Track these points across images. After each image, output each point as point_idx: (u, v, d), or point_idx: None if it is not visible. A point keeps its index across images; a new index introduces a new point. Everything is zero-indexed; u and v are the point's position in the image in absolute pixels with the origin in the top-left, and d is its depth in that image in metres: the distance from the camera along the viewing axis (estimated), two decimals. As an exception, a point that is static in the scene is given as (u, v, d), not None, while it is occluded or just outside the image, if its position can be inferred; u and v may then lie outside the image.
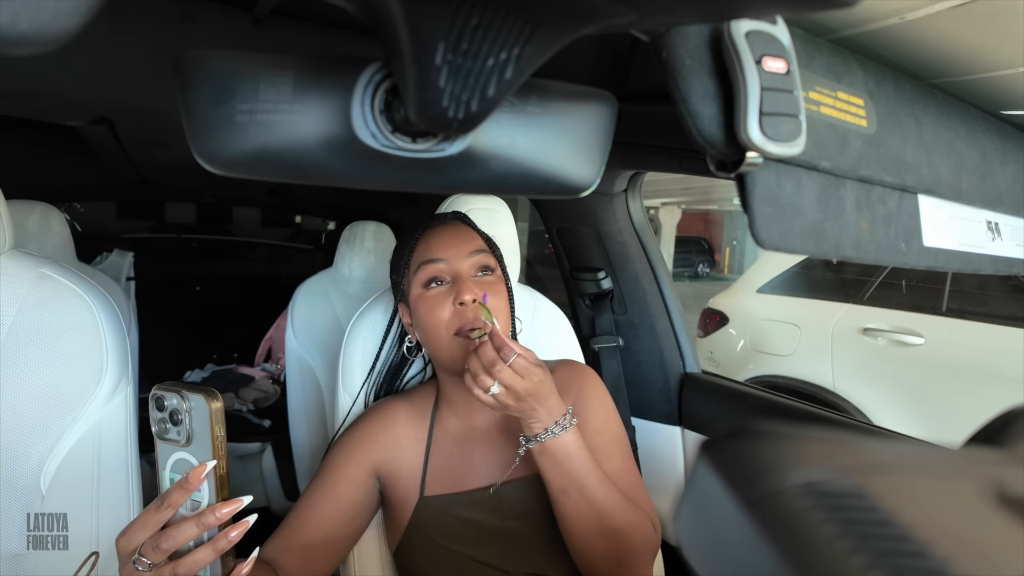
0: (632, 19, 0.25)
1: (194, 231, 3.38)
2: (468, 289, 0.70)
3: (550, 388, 0.65)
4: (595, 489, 0.66)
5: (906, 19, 0.42)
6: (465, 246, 0.75)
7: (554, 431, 0.65)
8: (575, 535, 0.68)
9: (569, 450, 0.66)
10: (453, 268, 0.73)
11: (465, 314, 0.70)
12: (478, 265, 0.75)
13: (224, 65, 0.27)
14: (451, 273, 0.74)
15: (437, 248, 0.75)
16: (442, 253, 0.74)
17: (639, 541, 0.69)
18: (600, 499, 0.66)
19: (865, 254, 0.43)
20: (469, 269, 0.74)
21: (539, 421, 0.65)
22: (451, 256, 0.74)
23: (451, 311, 0.71)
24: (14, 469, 0.70)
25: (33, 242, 1.34)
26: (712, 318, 2.97)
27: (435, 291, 0.73)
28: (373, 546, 0.83)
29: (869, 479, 0.14)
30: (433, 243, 0.76)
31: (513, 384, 0.62)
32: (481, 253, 0.75)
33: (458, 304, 0.71)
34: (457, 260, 0.74)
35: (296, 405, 1.67)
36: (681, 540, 0.17)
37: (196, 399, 0.52)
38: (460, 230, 0.78)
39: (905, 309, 2.30)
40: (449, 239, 0.75)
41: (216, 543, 0.51)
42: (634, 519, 0.69)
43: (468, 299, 0.70)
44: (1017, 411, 0.20)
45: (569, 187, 0.32)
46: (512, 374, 0.62)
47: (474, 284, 0.72)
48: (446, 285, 0.73)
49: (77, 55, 0.65)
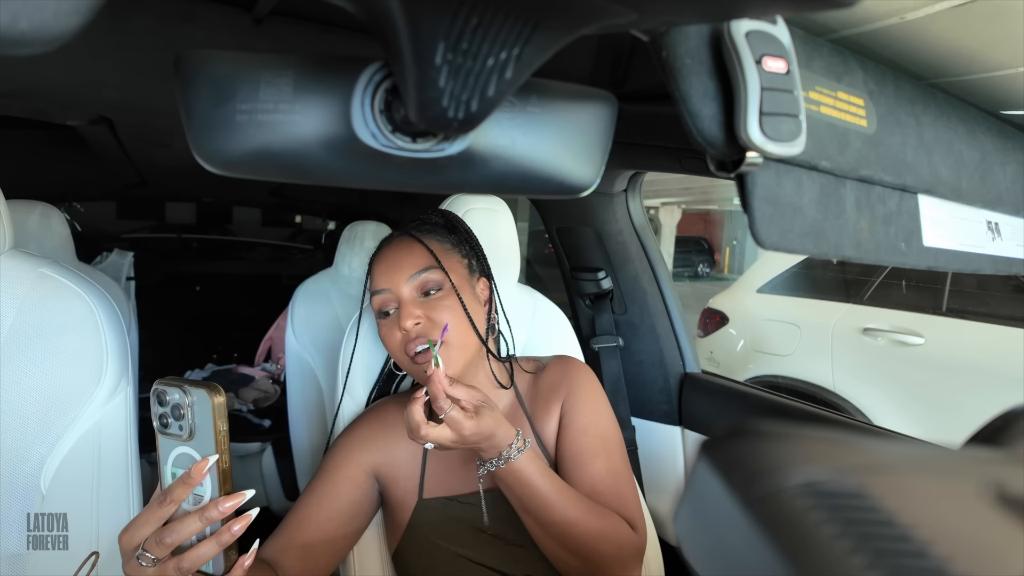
0: (632, 19, 0.25)
1: (194, 231, 3.37)
2: (406, 316, 0.72)
3: (492, 424, 0.66)
4: (554, 508, 0.67)
5: (906, 19, 0.42)
6: (405, 269, 0.74)
7: (509, 456, 0.66)
8: (543, 548, 0.70)
9: (521, 474, 0.67)
10: (397, 295, 0.74)
11: (409, 337, 0.72)
12: (420, 287, 0.75)
13: (224, 65, 0.27)
14: (396, 300, 0.75)
15: (380, 276, 0.76)
16: (384, 282, 0.75)
17: (609, 550, 0.69)
18: (558, 516, 0.67)
19: (865, 254, 0.43)
20: (411, 292, 0.74)
21: (487, 452, 0.67)
22: (392, 283, 0.74)
23: (399, 336, 0.73)
24: (14, 469, 0.70)
25: (33, 242, 1.34)
26: (712, 318, 2.97)
27: (386, 321, 0.75)
28: (373, 546, 0.83)
29: (869, 479, 0.14)
30: (377, 271, 0.77)
31: (443, 438, 0.64)
32: (423, 274, 0.74)
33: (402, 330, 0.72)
34: (398, 286, 0.74)
35: (296, 405, 1.67)
36: (681, 540, 0.17)
37: (199, 394, 0.52)
38: (402, 251, 0.77)
39: (905, 309, 2.30)
40: (389, 265, 0.76)
41: (219, 537, 0.52)
42: (603, 531, 0.69)
43: (407, 326, 0.72)
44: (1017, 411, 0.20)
45: (569, 187, 0.32)
46: (440, 431, 0.64)
47: (417, 306, 0.73)
48: (394, 313, 0.75)
49: (77, 55, 0.65)
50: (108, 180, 1.83)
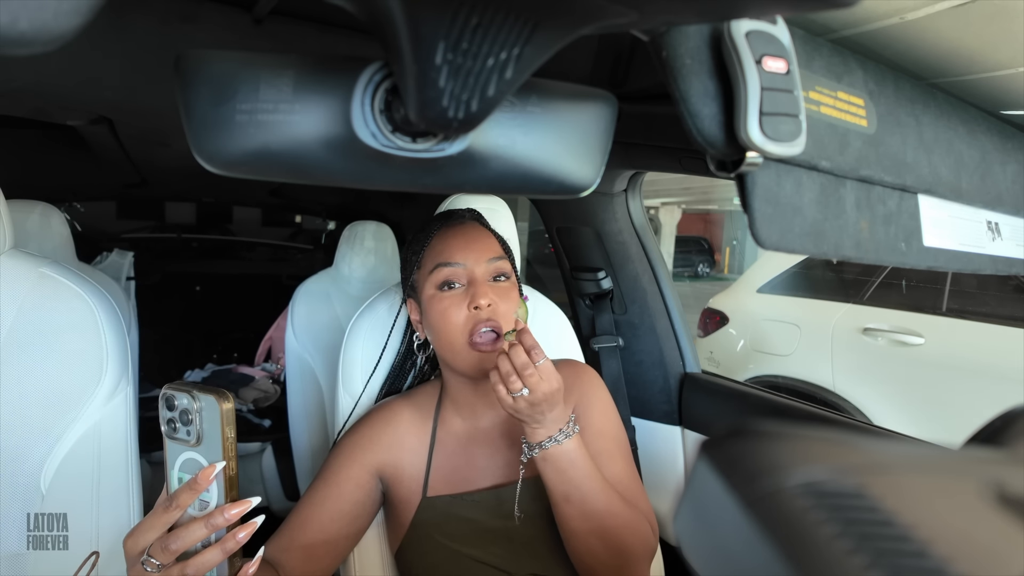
0: (632, 19, 0.25)
1: (194, 231, 3.37)
2: (483, 293, 0.71)
3: (561, 396, 0.65)
4: (596, 495, 0.66)
5: (906, 19, 0.42)
6: (484, 252, 0.74)
7: (557, 439, 0.65)
8: (575, 540, 0.68)
9: (571, 457, 0.66)
10: (470, 272, 0.73)
11: (479, 317, 0.71)
12: (495, 272, 0.74)
13: (224, 65, 0.27)
14: (467, 277, 0.73)
15: (454, 251, 0.74)
16: (459, 257, 0.73)
17: (637, 544, 0.69)
18: (601, 505, 0.66)
19: (865, 254, 0.43)
20: (485, 274, 0.74)
21: (544, 427, 0.65)
22: (469, 260, 0.73)
23: (465, 315, 0.71)
24: (14, 469, 0.70)
25: (33, 242, 1.34)
26: (712, 318, 2.97)
27: (450, 294, 0.73)
28: (374, 546, 0.83)
29: (869, 479, 0.14)
30: (450, 244, 0.75)
31: (538, 387, 0.62)
32: (499, 260, 0.75)
33: (472, 308, 0.71)
34: (475, 265, 0.73)
35: (296, 405, 1.67)
36: (681, 540, 0.17)
37: (207, 399, 0.52)
38: (478, 233, 0.77)
39: (905, 309, 2.30)
40: (467, 243, 0.75)
41: (224, 544, 0.51)
42: (634, 524, 0.69)
43: (484, 303, 0.70)
44: (1017, 411, 0.20)
45: (569, 187, 0.32)
46: (539, 379, 0.62)
47: (489, 289, 0.72)
48: (461, 288, 0.73)
49: (77, 55, 0.65)
50: (108, 180, 1.83)
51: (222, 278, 2.96)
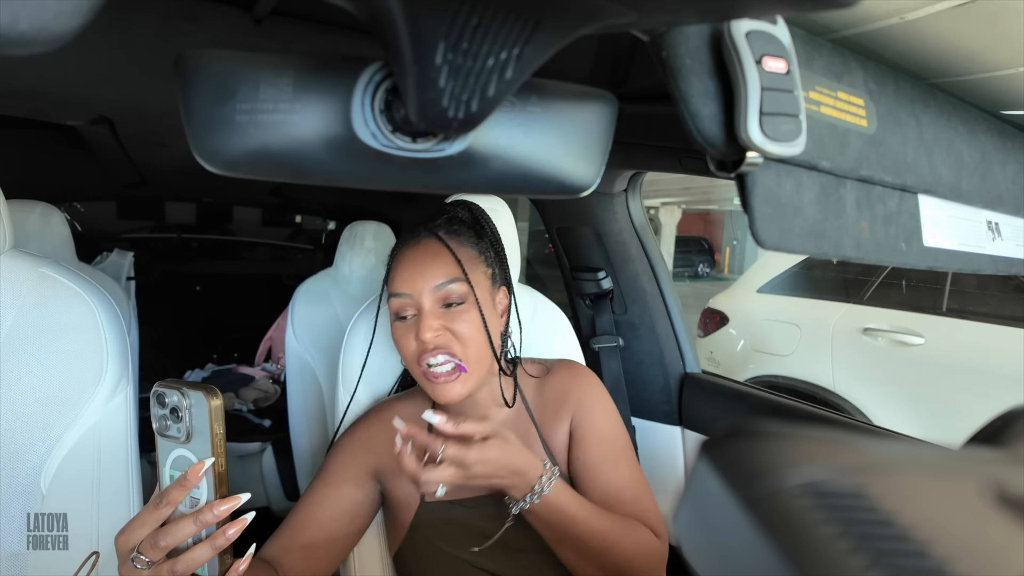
0: (632, 19, 0.25)
1: (194, 231, 3.37)
2: (428, 327, 0.69)
3: (515, 455, 0.63)
4: (591, 535, 0.65)
5: (906, 19, 0.42)
6: (431, 278, 0.71)
7: (540, 491, 0.64)
8: (576, 571, 0.68)
9: (555, 506, 0.64)
10: (417, 302, 0.71)
11: (425, 347, 0.70)
12: (444, 298, 0.71)
13: (224, 65, 0.27)
14: (415, 307, 0.72)
15: (403, 280, 0.72)
16: (406, 287, 0.72)
17: (641, 561, 0.69)
18: (596, 544, 0.65)
19: (865, 254, 0.43)
20: (433, 303, 0.71)
21: (517, 489, 0.64)
22: (415, 291, 0.71)
23: (415, 345, 0.71)
24: (14, 469, 0.70)
25: (33, 242, 1.34)
26: (712, 318, 2.97)
27: (402, 324, 0.73)
28: (373, 547, 0.83)
29: (869, 479, 0.14)
30: (400, 273, 0.73)
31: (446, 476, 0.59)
32: (448, 285, 0.71)
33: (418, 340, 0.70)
34: (421, 295, 0.71)
35: (296, 405, 1.67)
36: (681, 540, 0.17)
37: (196, 396, 0.52)
38: (431, 256, 0.72)
39: (905, 309, 2.30)
40: (416, 269, 0.72)
41: (214, 540, 0.51)
42: (637, 546, 0.68)
43: (427, 337, 0.69)
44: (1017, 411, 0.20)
45: (569, 187, 0.32)
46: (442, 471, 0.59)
47: (437, 318, 0.70)
48: (412, 318, 0.72)
49: (77, 55, 0.65)
50: (108, 180, 1.82)
51: (222, 278, 2.96)
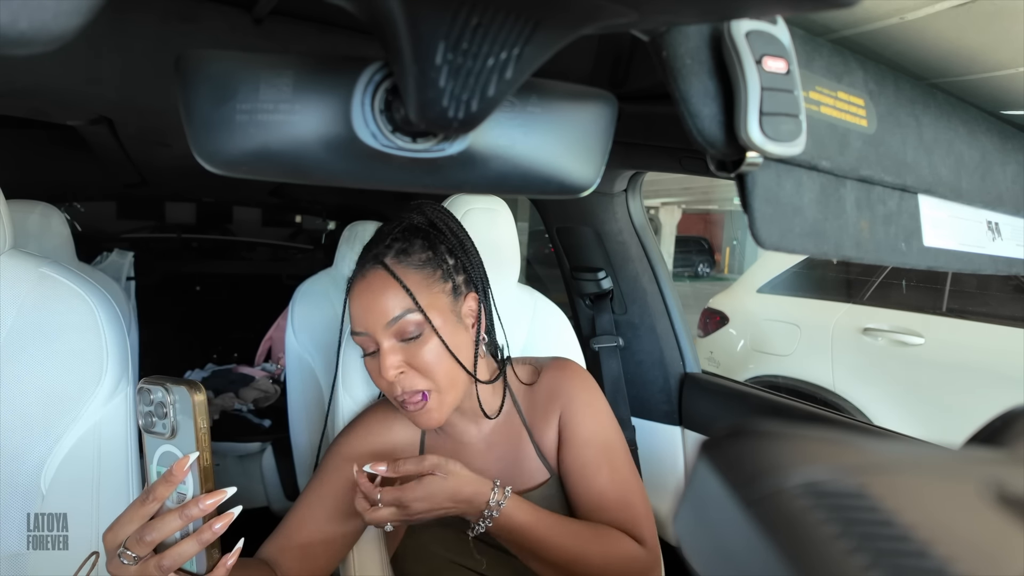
0: (632, 19, 0.25)
1: (194, 231, 3.37)
2: (389, 365, 0.67)
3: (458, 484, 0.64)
4: (554, 549, 0.66)
5: (906, 19, 0.42)
6: (381, 315, 0.68)
7: (490, 515, 0.65)
8: None
9: (512, 525, 0.66)
10: (375, 340, 0.69)
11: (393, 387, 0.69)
12: (398, 334, 0.69)
13: (224, 65, 0.27)
14: (375, 343, 0.70)
15: (356, 319, 0.71)
16: (361, 325, 0.70)
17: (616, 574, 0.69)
18: (561, 556, 0.66)
19: (865, 254, 0.43)
20: (390, 340, 0.69)
21: (468, 514, 0.66)
22: (369, 328, 0.69)
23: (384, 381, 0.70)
24: (14, 469, 0.70)
25: (33, 242, 1.34)
26: (712, 318, 2.97)
27: (370, 359, 0.71)
28: (373, 547, 0.83)
29: (869, 479, 0.14)
30: (354, 311, 0.71)
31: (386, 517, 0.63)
32: (403, 318, 0.68)
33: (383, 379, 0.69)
34: (375, 331, 0.69)
35: (296, 405, 1.66)
36: (681, 540, 0.17)
37: (179, 391, 0.52)
38: (376, 291, 0.69)
39: (905, 309, 2.30)
40: (367, 306, 0.69)
41: (200, 535, 0.51)
42: (609, 557, 0.68)
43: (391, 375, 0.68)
44: (1017, 411, 0.20)
45: (569, 187, 0.32)
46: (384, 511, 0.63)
47: (397, 352, 0.68)
48: (376, 353, 0.70)
49: (77, 55, 0.65)
50: (108, 180, 1.82)
51: (222, 278, 2.96)
